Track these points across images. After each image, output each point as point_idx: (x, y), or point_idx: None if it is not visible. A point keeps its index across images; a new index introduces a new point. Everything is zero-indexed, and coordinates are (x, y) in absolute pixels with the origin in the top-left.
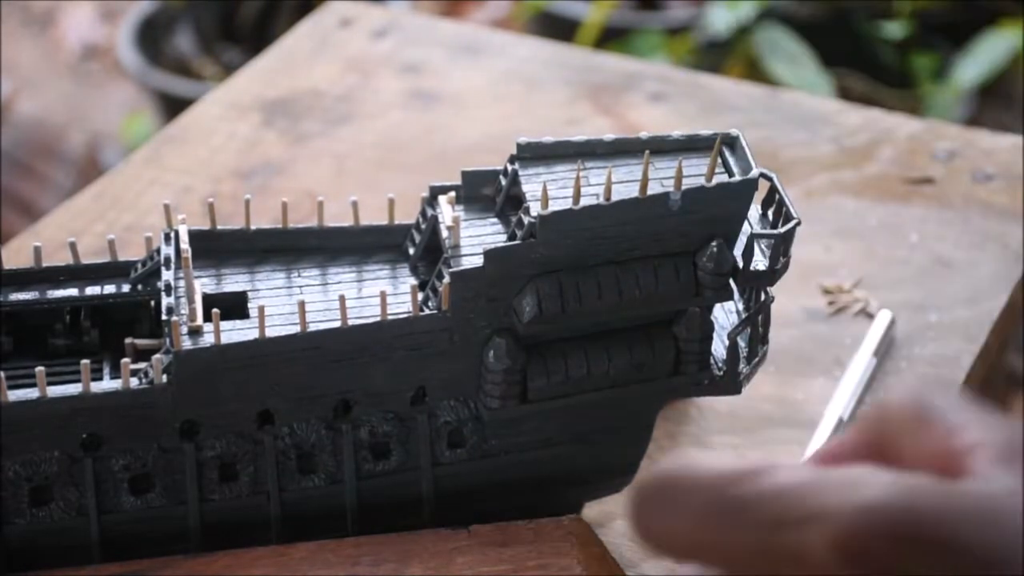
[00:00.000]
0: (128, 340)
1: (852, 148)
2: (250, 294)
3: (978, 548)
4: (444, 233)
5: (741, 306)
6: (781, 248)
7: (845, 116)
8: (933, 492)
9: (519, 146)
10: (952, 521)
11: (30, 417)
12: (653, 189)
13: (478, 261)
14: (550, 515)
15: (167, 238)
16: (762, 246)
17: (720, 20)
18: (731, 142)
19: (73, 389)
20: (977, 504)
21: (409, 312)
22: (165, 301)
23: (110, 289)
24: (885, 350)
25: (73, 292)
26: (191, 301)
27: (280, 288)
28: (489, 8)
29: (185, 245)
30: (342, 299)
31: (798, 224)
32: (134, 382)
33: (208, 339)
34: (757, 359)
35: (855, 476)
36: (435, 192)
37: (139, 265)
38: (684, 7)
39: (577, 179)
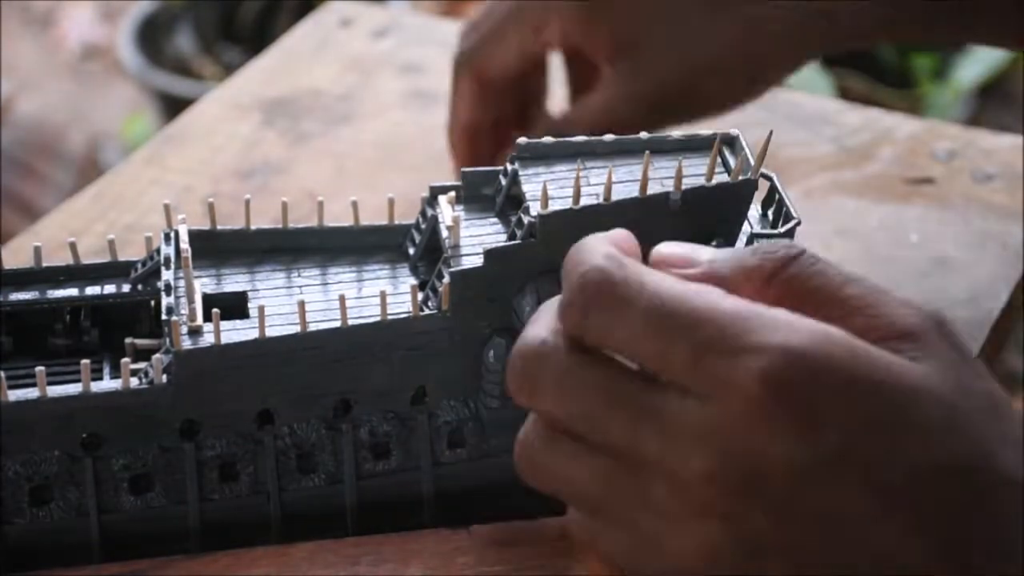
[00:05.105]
0: (128, 340)
1: (852, 148)
2: (250, 294)
3: (874, 409)
4: (444, 233)
5: None
6: None
7: (845, 116)
8: (850, 347)
9: (519, 146)
10: (858, 375)
11: (30, 417)
12: (653, 189)
13: (478, 261)
14: (550, 515)
15: (167, 238)
16: None
17: None
18: (731, 142)
19: (73, 389)
20: (886, 369)
21: (409, 312)
22: (165, 301)
23: (110, 289)
24: None
25: (73, 292)
26: (191, 301)
27: (280, 288)
28: None
29: (185, 245)
30: (342, 299)
31: (798, 224)
32: (134, 382)
33: (208, 339)
34: None
35: (784, 319)
36: (435, 192)
37: (139, 265)
38: None
39: (577, 179)
